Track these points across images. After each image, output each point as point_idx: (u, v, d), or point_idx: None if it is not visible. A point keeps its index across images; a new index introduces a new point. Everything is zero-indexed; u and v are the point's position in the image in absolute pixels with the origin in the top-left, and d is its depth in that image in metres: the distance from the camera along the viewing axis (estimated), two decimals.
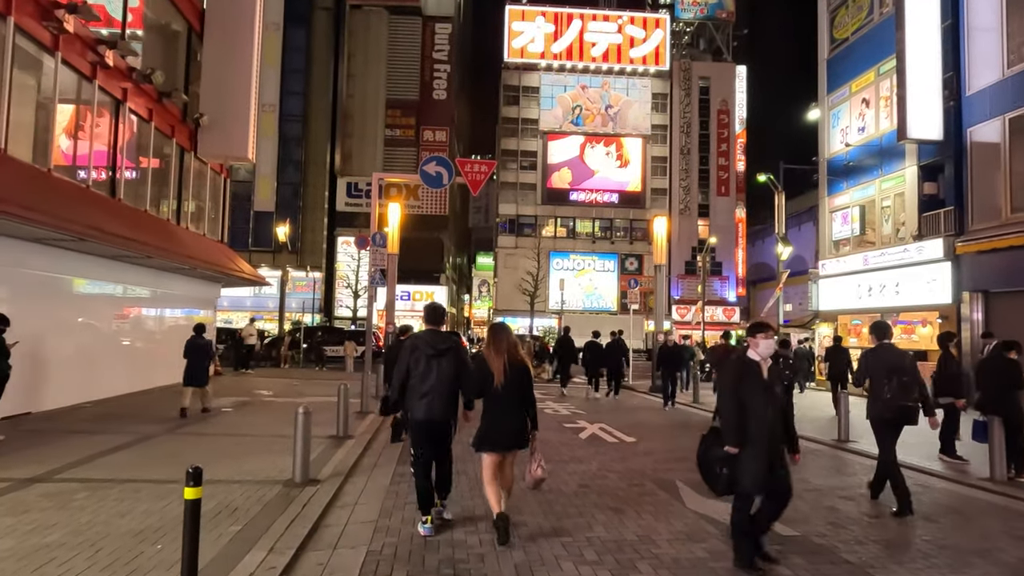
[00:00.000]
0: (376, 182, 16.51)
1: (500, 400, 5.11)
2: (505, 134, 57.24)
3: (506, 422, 5.14)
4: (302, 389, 16.48)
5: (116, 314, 13.35)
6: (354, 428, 10.44)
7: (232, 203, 50.62)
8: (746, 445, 4.41)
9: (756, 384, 4.47)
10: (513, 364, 5.15)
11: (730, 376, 4.64)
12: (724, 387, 4.73)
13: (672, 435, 10.76)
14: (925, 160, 16.80)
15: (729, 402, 4.53)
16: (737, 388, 4.51)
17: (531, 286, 50.03)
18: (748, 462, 4.40)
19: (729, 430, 4.47)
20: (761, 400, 4.42)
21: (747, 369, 4.54)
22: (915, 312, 16.83)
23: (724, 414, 4.54)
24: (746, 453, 4.41)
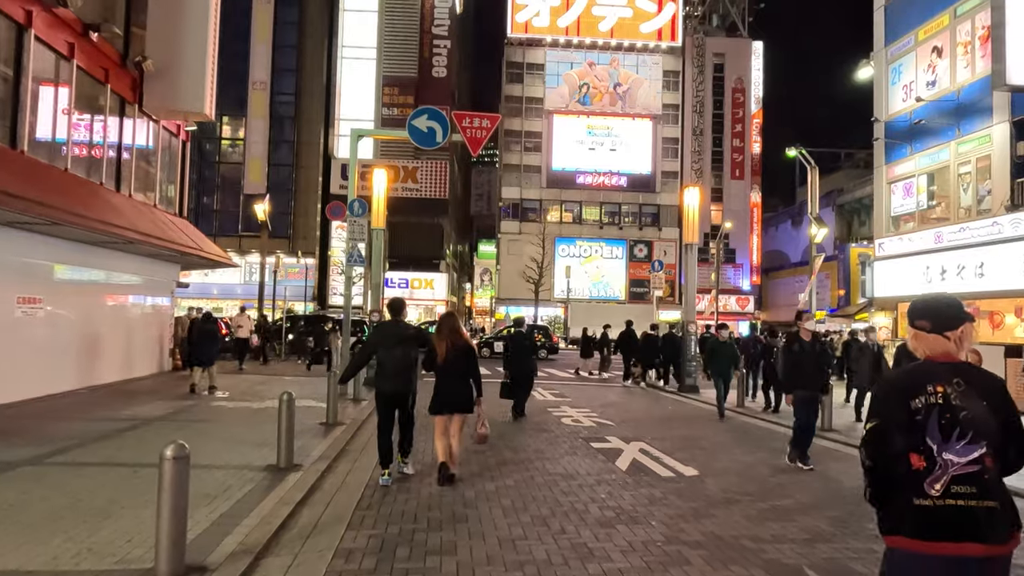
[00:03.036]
0: (351, 134, 13.63)
1: (443, 374, 6.28)
2: (508, 113, 54.19)
3: (448, 391, 6.26)
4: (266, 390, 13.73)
5: (20, 298, 10.55)
6: (345, 415, 10.28)
7: (222, 185, 48.65)
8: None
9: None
10: (455, 345, 6.27)
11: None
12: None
13: (741, 460, 7.95)
14: (1021, 114, 13.91)
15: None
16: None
17: (535, 274, 47.23)
18: None
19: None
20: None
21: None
22: (1004, 299, 13.99)
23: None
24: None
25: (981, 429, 2.14)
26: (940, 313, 2.31)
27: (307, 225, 47.92)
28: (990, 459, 2.13)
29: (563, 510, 5.46)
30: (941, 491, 2.11)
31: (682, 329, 16.83)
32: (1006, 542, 2.11)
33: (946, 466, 2.11)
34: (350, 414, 10.63)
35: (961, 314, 2.32)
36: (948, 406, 2.16)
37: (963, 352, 2.30)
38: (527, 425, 10.08)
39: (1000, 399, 2.20)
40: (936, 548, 2.08)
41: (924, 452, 2.15)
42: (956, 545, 2.07)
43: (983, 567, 2.08)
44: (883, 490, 2.22)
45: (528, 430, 9.62)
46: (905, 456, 2.17)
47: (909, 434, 2.17)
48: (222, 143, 49.18)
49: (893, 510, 2.19)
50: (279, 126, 47.85)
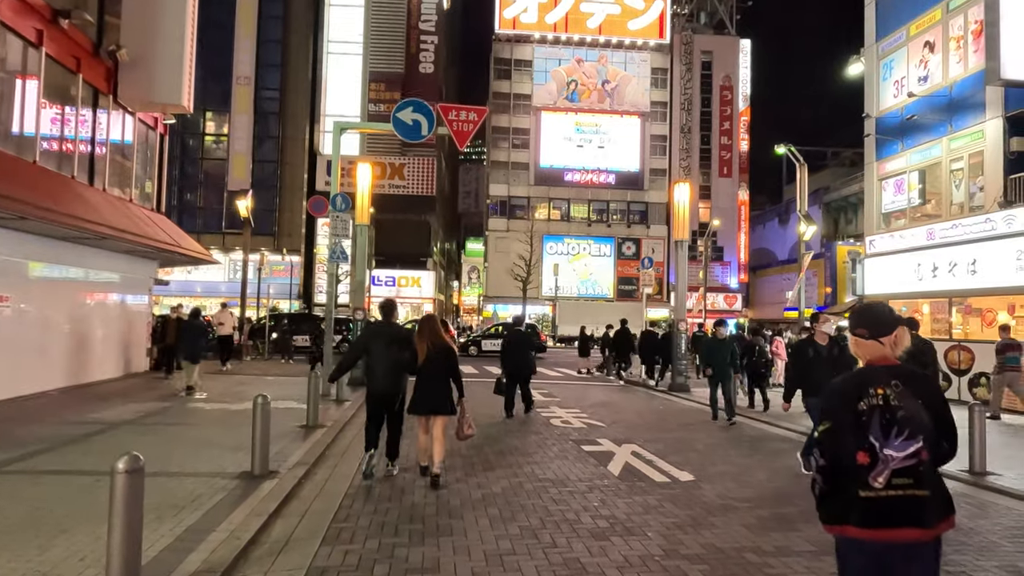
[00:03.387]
0: (334, 127, 13.24)
1: (423, 375, 6.31)
2: (496, 110, 53.80)
3: (427, 392, 6.26)
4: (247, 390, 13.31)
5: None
6: (327, 416, 9.92)
7: (205, 182, 47.90)
8: None
9: None
10: (435, 346, 6.31)
11: None
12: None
13: (737, 463, 7.69)
14: (1015, 109, 13.76)
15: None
16: None
17: (523, 271, 46.93)
18: None
19: None
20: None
21: None
22: (996, 296, 13.84)
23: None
24: None
25: (917, 426, 2.35)
26: (875, 321, 2.53)
27: (292, 222, 47.34)
28: (925, 452, 2.34)
29: (554, 520, 5.15)
30: (884, 484, 2.32)
31: (672, 327, 16.59)
32: (939, 525, 2.35)
33: (887, 461, 2.32)
34: (332, 416, 10.27)
35: (895, 320, 2.54)
36: (888, 406, 2.37)
37: (898, 351, 2.52)
38: (515, 426, 9.77)
39: (933, 397, 2.43)
40: (879, 535, 2.32)
41: (868, 449, 2.35)
42: (896, 531, 2.31)
43: (919, 548, 2.33)
44: (834, 485, 2.42)
45: (516, 432, 9.31)
46: (852, 454, 2.36)
47: (856, 434, 2.37)
48: (206, 139, 48.48)
49: (840, 502, 2.40)
50: (264, 122, 47.23)
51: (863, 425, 2.38)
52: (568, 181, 53.65)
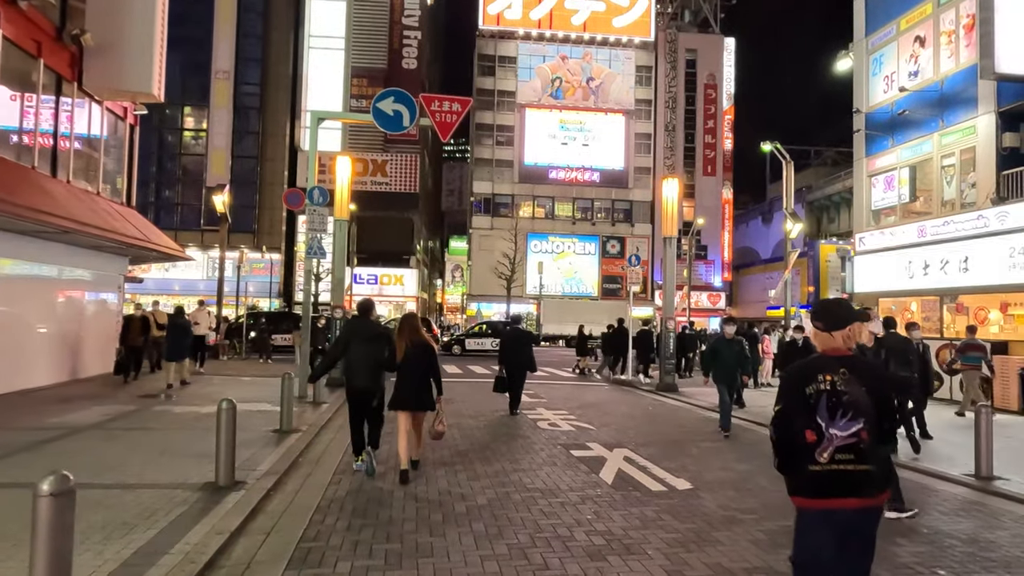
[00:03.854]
0: (311, 117, 12.71)
1: (403, 371, 6.39)
2: (480, 107, 53.30)
3: (408, 388, 6.34)
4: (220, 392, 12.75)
5: None
6: (303, 420, 9.43)
7: (183, 178, 46.89)
8: None
9: None
10: (414, 343, 6.41)
11: None
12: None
13: (735, 469, 7.30)
14: (1007, 104, 13.54)
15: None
16: None
17: (508, 269, 46.49)
18: None
19: None
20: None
21: None
22: (989, 294, 13.63)
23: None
24: None
25: (860, 409, 2.64)
26: (831, 316, 2.83)
27: (272, 219, 46.52)
28: (866, 432, 2.63)
29: (544, 537, 4.71)
30: (828, 459, 2.62)
31: (660, 325, 16.26)
32: (878, 496, 2.68)
33: (831, 439, 2.61)
34: (308, 419, 9.75)
35: (850, 316, 2.83)
36: (834, 391, 2.66)
37: (853, 343, 2.86)
38: (501, 430, 9.33)
39: (877, 384, 2.73)
40: (824, 503, 2.64)
41: (815, 429, 2.64)
42: (839, 500, 2.62)
43: (859, 515, 2.65)
44: (787, 460, 2.71)
45: (502, 436, 8.87)
46: (802, 432, 2.66)
47: (805, 415, 2.66)
48: (184, 134, 47.49)
49: (795, 476, 2.71)
50: (243, 117, 46.37)
51: (811, 407, 2.68)
52: (553, 179, 53.31)
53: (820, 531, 2.67)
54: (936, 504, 5.98)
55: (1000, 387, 12.66)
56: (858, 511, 2.65)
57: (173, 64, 49.36)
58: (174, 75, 45.89)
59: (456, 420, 10.07)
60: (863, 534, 2.70)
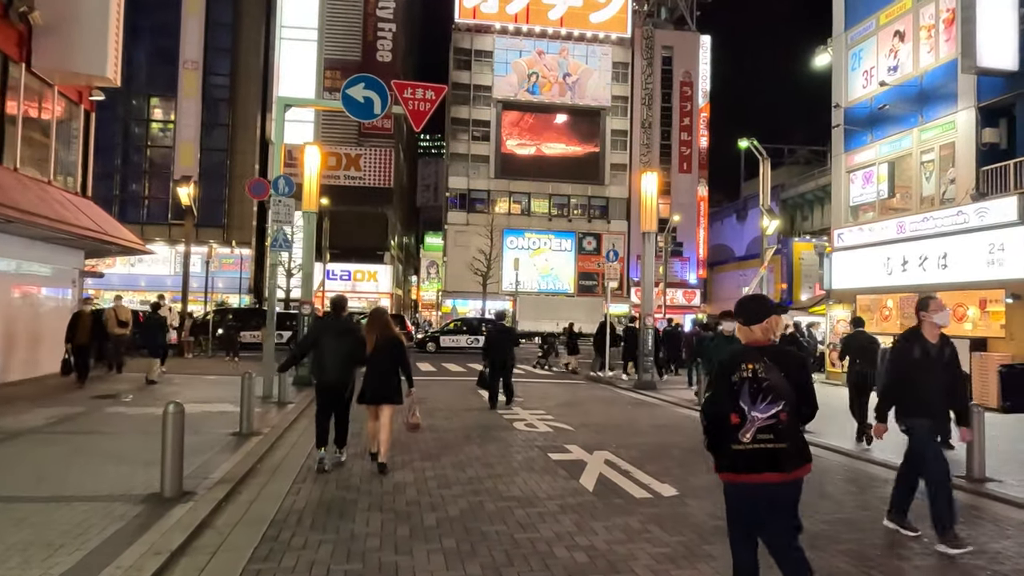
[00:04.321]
0: (277, 102, 12.13)
1: (372, 365, 6.50)
2: (456, 101, 52.71)
3: (375, 382, 6.48)
4: (180, 391, 12.14)
5: None
6: (266, 421, 8.95)
7: (150, 171, 45.54)
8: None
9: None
10: (383, 338, 6.53)
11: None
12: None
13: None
14: (987, 99, 13.42)
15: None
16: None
17: (483, 266, 46.02)
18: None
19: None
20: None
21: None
22: (968, 291, 13.53)
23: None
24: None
25: (779, 393, 2.93)
26: (748, 311, 3.12)
27: (243, 214, 45.46)
28: (785, 415, 2.92)
29: (522, 554, 4.28)
30: (750, 439, 2.92)
31: (640, 322, 15.95)
32: (796, 471, 2.96)
33: (753, 421, 2.91)
34: (271, 420, 9.23)
35: (767, 311, 3.11)
36: (755, 378, 2.95)
37: (772, 334, 3.12)
38: (475, 432, 8.90)
39: (795, 371, 3.01)
40: (747, 478, 2.96)
41: (739, 412, 2.94)
42: (760, 475, 2.93)
43: (780, 488, 2.95)
44: (715, 441, 3.03)
45: (476, 438, 8.43)
46: (728, 416, 2.96)
47: (731, 400, 2.97)
48: (151, 126, 46.19)
49: (721, 454, 3.01)
50: (213, 109, 45.22)
51: (736, 393, 2.97)
52: (529, 170, 52.79)
53: (745, 502, 3.03)
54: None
55: (979, 384, 12.56)
56: (778, 484, 2.96)
57: (140, 53, 48.02)
58: (141, 64, 44.71)
59: (428, 421, 9.62)
60: (784, 504, 3.01)
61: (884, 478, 6.54)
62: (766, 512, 2.99)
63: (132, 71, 44.46)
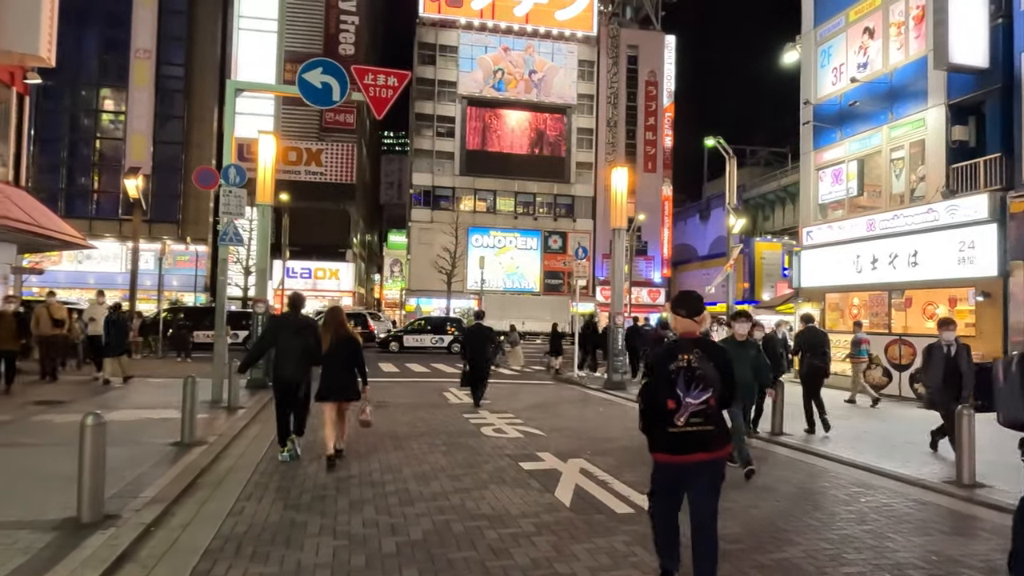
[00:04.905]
0: (228, 87, 11.37)
1: (329, 363, 6.67)
2: (420, 96, 51.87)
3: (332, 379, 6.63)
4: (121, 397, 11.30)
5: None
6: (212, 429, 8.33)
7: (100, 164, 43.61)
8: None
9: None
10: (339, 335, 6.70)
11: None
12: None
13: None
14: (957, 97, 13.36)
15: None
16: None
17: (448, 264, 45.31)
18: None
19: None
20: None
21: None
22: (938, 288, 13.46)
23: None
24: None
25: (708, 381, 3.36)
26: (689, 305, 3.55)
27: (199, 209, 43.93)
28: (712, 400, 3.37)
29: None
30: (684, 423, 3.34)
31: (609, 320, 15.54)
32: (721, 450, 3.44)
33: (687, 407, 3.33)
34: (219, 428, 8.51)
35: (703, 306, 3.60)
36: (690, 368, 3.37)
37: (703, 328, 3.77)
38: (439, 440, 8.31)
39: (721, 361, 3.45)
40: (680, 458, 3.39)
41: (675, 398, 3.36)
42: (691, 455, 3.37)
43: (708, 465, 3.39)
44: (651, 424, 3.45)
45: (441, 447, 7.85)
46: (664, 402, 3.37)
47: (667, 387, 3.37)
48: (102, 117, 44.30)
49: (656, 436, 3.44)
50: (167, 100, 43.58)
51: (672, 381, 3.33)
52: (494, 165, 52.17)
53: (676, 479, 3.41)
54: (930, 520, 5.33)
55: None
56: (707, 462, 3.34)
57: (89, 41, 45.99)
58: (90, 53, 42.79)
59: (390, 427, 9.01)
60: (711, 479, 3.39)
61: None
62: (694, 487, 3.38)
63: (81, 60, 42.55)
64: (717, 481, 3.41)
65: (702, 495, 3.37)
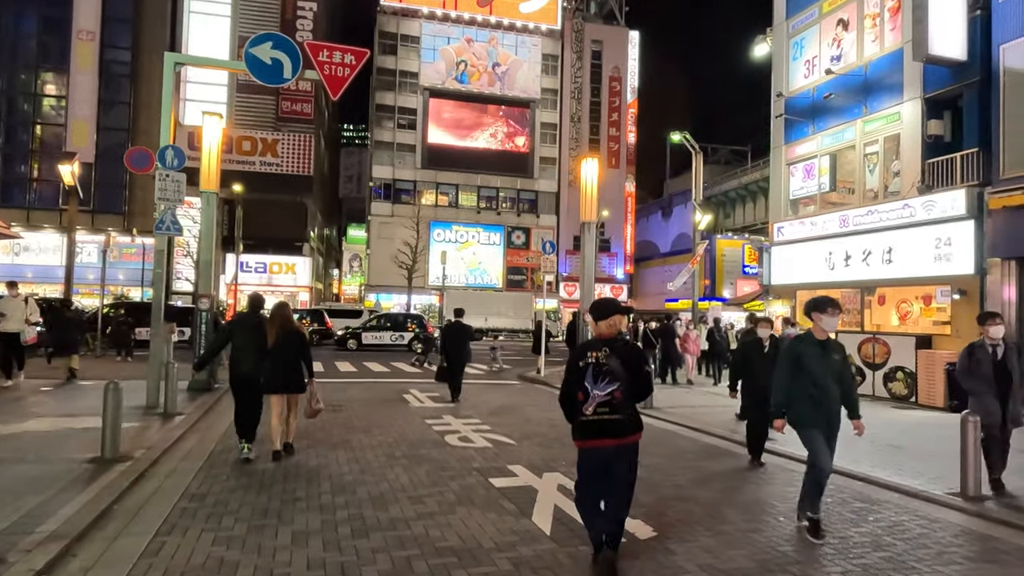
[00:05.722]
0: (166, 60, 10.33)
1: (275, 357, 6.91)
2: (381, 87, 50.60)
3: (277, 372, 6.89)
4: (40, 403, 10.22)
5: None
6: (141, 440, 7.44)
7: (40, 151, 41.19)
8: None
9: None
10: (284, 331, 6.94)
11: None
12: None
13: (701, 499, 5.95)
14: (933, 91, 13.09)
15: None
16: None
17: (409, 259, 44.25)
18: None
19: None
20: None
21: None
22: (913, 286, 13.20)
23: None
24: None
25: (615, 376, 3.79)
26: (600, 310, 4.00)
27: (146, 200, 41.81)
28: (619, 393, 3.79)
29: None
30: (591, 412, 3.81)
31: (577, 317, 14.93)
32: (629, 437, 3.88)
33: (595, 398, 3.79)
34: (149, 439, 7.57)
35: (614, 310, 4.00)
36: (598, 364, 3.82)
37: (616, 329, 4.00)
38: (399, 451, 7.53)
39: (630, 358, 3.89)
40: (591, 443, 3.89)
41: (584, 391, 3.83)
42: (600, 441, 3.85)
43: (617, 450, 3.86)
44: (569, 413, 3.95)
45: (401, 459, 7.07)
46: (575, 394, 3.88)
47: (579, 381, 3.86)
48: (42, 101, 41.89)
49: (574, 424, 3.94)
50: (112, 85, 41.47)
51: (582, 375, 3.85)
52: (457, 160, 51.20)
53: (591, 461, 3.91)
54: (949, 544, 4.78)
55: (926, 383, 12.19)
56: (615, 447, 3.84)
57: (28, 21, 43.46)
58: (29, 34, 40.38)
59: (344, 436, 8.19)
60: (622, 462, 3.86)
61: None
62: (607, 468, 3.84)
63: (18, 40, 40.19)
64: (627, 463, 3.88)
65: (614, 473, 3.87)
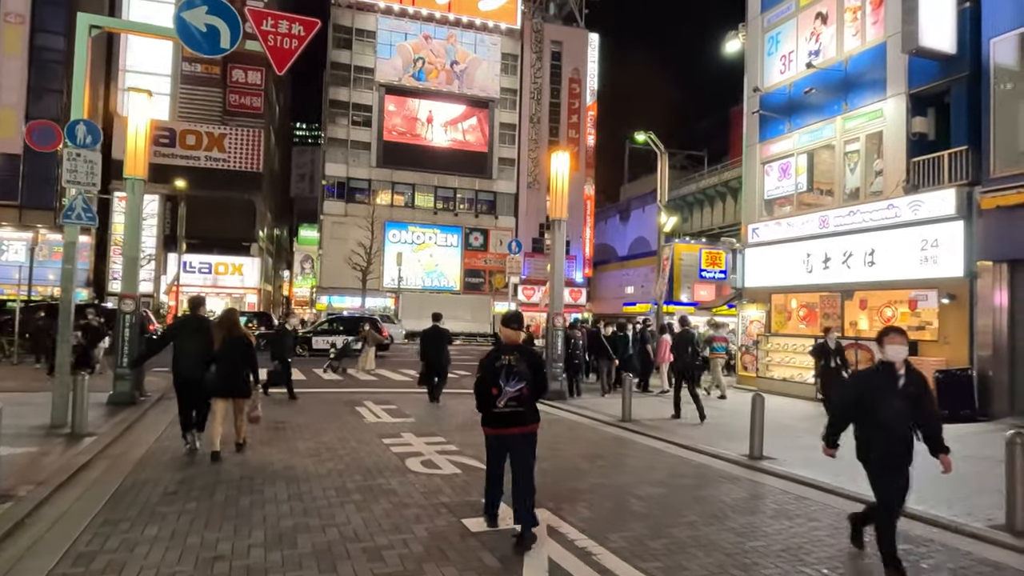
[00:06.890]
0: (79, 23, 8.94)
1: (221, 361, 7.05)
2: (335, 82, 48.87)
3: (221, 376, 7.03)
4: None
5: None
6: (33, 472, 6.16)
7: None
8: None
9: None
10: (231, 335, 7.09)
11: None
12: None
13: (714, 539, 4.95)
14: (919, 86, 12.54)
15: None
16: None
17: (363, 260, 42.66)
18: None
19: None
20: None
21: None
22: (896, 290, 12.62)
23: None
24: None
25: (523, 375, 4.60)
26: (516, 321, 4.88)
27: None
28: (526, 389, 4.60)
29: None
30: (503, 406, 4.59)
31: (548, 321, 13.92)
32: (530, 426, 4.70)
33: (506, 394, 4.56)
34: (42, 470, 6.22)
35: (521, 322, 4.97)
36: (510, 366, 4.62)
37: (523, 337, 5.00)
38: (352, 482, 6.34)
39: (534, 361, 4.74)
40: (499, 431, 4.69)
41: (498, 387, 4.59)
42: (507, 429, 4.65)
43: (520, 437, 4.66)
44: (482, 405, 4.70)
45: (355, 492, 5.89)
46: (490, 389, 4.62)
47: (493, 379, 4.62)
48: None
49: (485, 415, 4.71)
50: (43, 72, 38.74)
51: (497, 374, 4.60)
52: (414, 158, 49.79)
53: (499, 446, 4.73)
54: None
55: None
56: (519, 435, 4.66)
57: None
58: None
59: (286, 460, 6.97)
60: (524, 448, 4.68)
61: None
62: (513, 451, 4.65)
63: None
64: (529, 446, 4.70)
65: (519, 456, 4.65)
